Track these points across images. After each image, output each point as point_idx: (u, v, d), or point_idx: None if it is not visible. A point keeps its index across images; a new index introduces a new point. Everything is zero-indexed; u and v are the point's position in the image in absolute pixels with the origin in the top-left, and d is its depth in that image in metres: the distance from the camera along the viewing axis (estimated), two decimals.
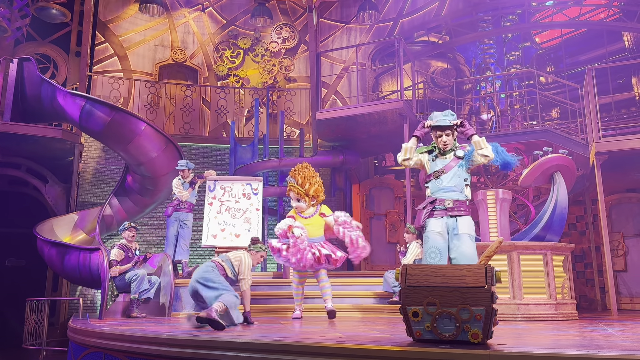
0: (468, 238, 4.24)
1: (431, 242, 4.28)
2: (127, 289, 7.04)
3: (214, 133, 11.97)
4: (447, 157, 4.45)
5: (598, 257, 10.15)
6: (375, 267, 10.50)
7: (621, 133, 9.69)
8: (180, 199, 8.10)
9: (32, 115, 9.76)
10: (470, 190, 4.44)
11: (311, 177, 6.46)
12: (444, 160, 4.44)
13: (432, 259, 4.22)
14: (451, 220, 4.31)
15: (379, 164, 12.77)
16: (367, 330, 4.61)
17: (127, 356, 4.30)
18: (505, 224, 7.45)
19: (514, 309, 6.46)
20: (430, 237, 4.29)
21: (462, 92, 12.54)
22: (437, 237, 4.26)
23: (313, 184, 6.44)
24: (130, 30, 12.21)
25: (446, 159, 4.44)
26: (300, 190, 6.39)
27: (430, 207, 4.37)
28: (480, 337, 3.06)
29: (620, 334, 4.32)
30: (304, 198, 6.41)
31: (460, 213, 4.31)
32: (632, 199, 10.03)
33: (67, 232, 9.19)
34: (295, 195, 6.42)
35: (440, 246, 4.24)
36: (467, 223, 4.30)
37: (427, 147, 4.57)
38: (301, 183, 6.42)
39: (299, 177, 6.42)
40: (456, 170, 4.37)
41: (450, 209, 4.29)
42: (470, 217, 4.36)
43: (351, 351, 3.12)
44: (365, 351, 3.08)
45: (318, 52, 11.32)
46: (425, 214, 4.39)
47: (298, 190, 6.39)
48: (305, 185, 6.42)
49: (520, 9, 12.02)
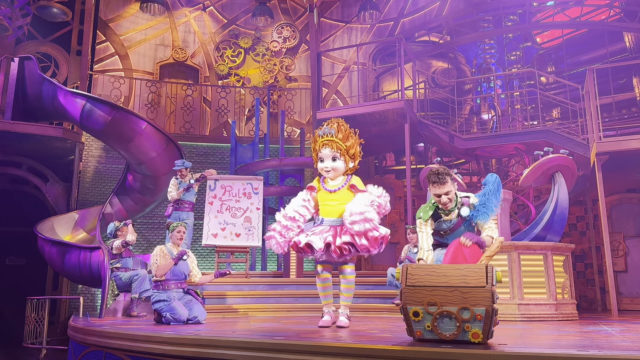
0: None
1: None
2: (128, 288, 7.05)
3: (214, 132, 11.97)
4: (451, 216, 3.95)
5: (598, 258, 10.15)
6: (376, 266, 10.51)
7: (622, 133, 9.68)
8: (169, 198, 8.03)
9: (33, 114, 9.77)
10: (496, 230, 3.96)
11: (353, 134, 4.97)
12: (448, 223, 3.96)
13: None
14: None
15: (380, 164, 12.77)
16: (368, 329, 4.60)
17: (127, 355, 4.31)
18: (505, 224, 7.46)
19: (514, 309, 6.46)
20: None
21: (463, 92, 12.54)
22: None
23: (355, 142, 4.93)
24: (131, 29, 12.21)
25: (451, 221, 3.95)
26: (341, 145, 4.82)
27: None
28: (480, 336, 3.07)
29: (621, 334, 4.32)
30: (344, 156, 4.85)
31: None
32: (633, 199, 10.03)
33: (68, 231, 9.20)
34: (331, 151, 4.81)
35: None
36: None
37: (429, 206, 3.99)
38: (342, 137, 4.85)
39: (340, 129, 4.88)
40: (462, 229, 3.92)
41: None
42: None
43: (351, 350, 3.12)
44: (366, 351, 3.08)
45: (319, 52, 11.31)
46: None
47: (338, 144, 4.81)
48: (348, 140, 4.87)
49: (521, 9, 12.01)
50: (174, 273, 5.74)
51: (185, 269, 5.82)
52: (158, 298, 5.63)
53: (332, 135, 4.84)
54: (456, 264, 3.40)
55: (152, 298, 5.73)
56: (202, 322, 5.56)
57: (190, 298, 5.75)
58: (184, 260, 5.81)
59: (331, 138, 4.84)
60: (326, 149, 4.84)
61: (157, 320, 5.63)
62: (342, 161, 4.85)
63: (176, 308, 5.48)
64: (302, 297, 7.50)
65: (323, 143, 4.86)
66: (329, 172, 4.88)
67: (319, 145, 4.92)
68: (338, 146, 4.82)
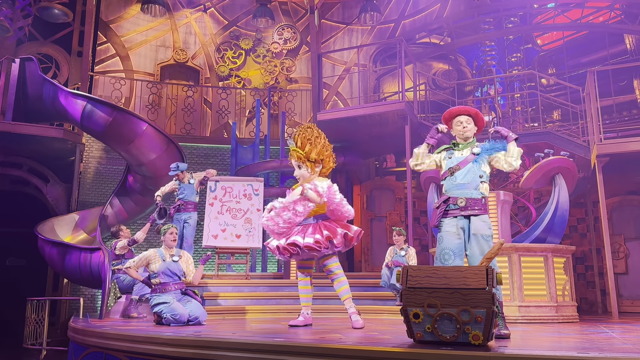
0: (482, 239, 4.03)
1: (445, 243, 4.09)
2: (129, 290, 7.05)
3: (215, 133, 11.98)
4: (464, 153, 4.22)
5: (599, 260, 10.14)
6: (376, 268, 10.49)
7: (622, 135, 9.67)
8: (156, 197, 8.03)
9: (33, 115, 9.78)
10: (487, 186, 4.18)
11: (314, 138, 5.15)
12: (459, 157, 4.21)
13: (446, 260, 4.03)
14: (464, 220, 4.10)
15: (380, 165, 12.77)
16: (368, 331, 4.60)
17: (127, 356, 4.30)
18: (506, 226, 7.46)
19: (514, 310, 6.46)
20: (445, 238, 4.10)
21: (464, 94, 12.54)
22: (451, 237, 4.07)
23: (315, 145, 5.12)
24: (132, 31, 12.23)
25: (462, 155, 4.21)
26: (300, 153, 5.12)
27: (444, 206, 4.15)
28: (480, 338, 3.06)
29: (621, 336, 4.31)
30: (304, 163, 5.12)
31: (474, 212, 4.07)
32: (634, 201, 10.03)
33: (68, 232, 9.20)
34: (295, 162, 5.19)
35: (454, 247, 4.05)
36: (480, 223, 4.06)
37: (445, 145, 4.38)
38: (300, 145, 5.15)
39: (298, 139, 5.19)
40: (471, 166, 4.13)
41: (464, 208, 4.07)
42: (485, 216, 4.11)
43: (352, 352, 3.12)
44: (366, 352, 3.08)
45: (319, 53, 11.32)
46: (439, 213, 4.17)
47: (298, 153, 5.13)
48: (305, 147, 5.13)
49: (522, 11, 12.02)
50: (166, 274, 5.72)
51: (177, 270, 5.80)
52: (157, 300, 5.62)
53: (294, 146, 5.19)
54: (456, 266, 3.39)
55: (151, 301, 5.72)
56: (202, 322, 5.55)
57: (189, 298, 5.75)
58: (174, 262, 5.81)
59: (293, 148, 5.19)
60: (292, 160, 5.24)
61: (157, 322, 5.62)
62: (305, 167, 5.12)
63: (177, 309, 5.47)
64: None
65: (289, 154, 5.27)
66: (298, 179, 5.23)
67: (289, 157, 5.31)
68: (298, 155, 5.13)
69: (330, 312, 7.03)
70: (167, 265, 5.75)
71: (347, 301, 4.95)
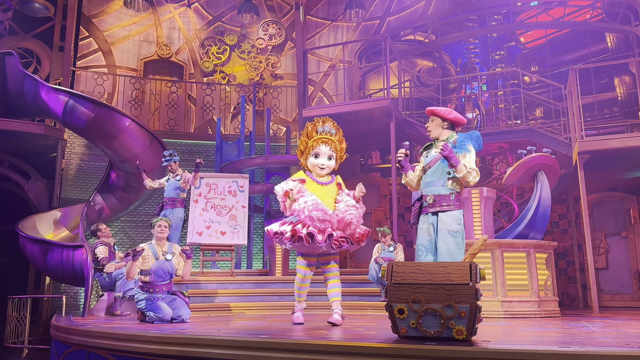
0: (447, 234, 4.09)
1: (418, 239, 4.26)
2: (112, 287, 6.99)
3: (199, 130, 11.90)
4: (435, 151, 4.31)
5: (580, 255, 10.29)
6: (361, 264, 10.53)
7: (603, 133, 9.82)
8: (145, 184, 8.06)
9: (14, 111, 9.62)
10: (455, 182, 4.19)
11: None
12: (433, 155, 4.31)
13: (419, 256, 4.21)
14: (433, 217, 4.19)
15: (365, 162, 12.80)
16: (353, 327, 4.62)
17: (111, 354, 4.27)
18: (489, 222, 7.53)
19: (497, 306, 6.53)
20: (419, 235, 4.27)
21: (448, 91, 12.61)
22: (423, 234, 4.22)
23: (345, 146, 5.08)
24: (115, 25, 12.07)
25: (435, 154, 4.30)
26: (338, 146, 4.95)
27: (418, 203, 4.32)
28: (464, 333, 3.09)
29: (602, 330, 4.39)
30: (338, 156, 5.01)
31: (442, 208, 4.15)
32: (614, 197, 10.18)
33: (50, 229, 9.08)
34: (330, 150, 4.90)
35: (425, 243, 4.19)
36: (446, 219, 4.13)
37: (428, 143, 4.52)
38: (338, 138, 4.98)
39: (338, 132, 5.00)
40: (439, 164, 4.22)
41: (432, 205, 4.18)
42: (455, 212, 4.15)
43: (337, 348, 3.13)
44: (351, 348, 3.09)
45: (305, 50, 11.30)
46: (414, 211, 4.35)
47: (335, 145, 4.93)
48: (342, 143, 5.02)
49: (505, 9, 12.11)
50: (157, 274, 5.65)
51: (170, 269, 5.73)
52: (142, 297, 5.58)
53: (332, 135, 4.92)
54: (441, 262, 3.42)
55: (136, 297, 5.68)
56: (186, 320, 5.52)
57: (175, 297, 5.71)
58: (167, 260, 5.72)
59: (331, 137, 4.91)
60: (325, 146, 4.88)
61: (141, 319, 5.59)
62: (334, 161, 4.96)
63: (160, 307, 5.44)
64: (287, 295, 7.45)
65: (322, 140, 4.89)
66: (323, 169, 4.92)
67: (316, 141, 4.91)
68: (335, 147, 4.92)
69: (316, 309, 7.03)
70: (160, 265, 5.65)
71: (335, 302, 4.90)
